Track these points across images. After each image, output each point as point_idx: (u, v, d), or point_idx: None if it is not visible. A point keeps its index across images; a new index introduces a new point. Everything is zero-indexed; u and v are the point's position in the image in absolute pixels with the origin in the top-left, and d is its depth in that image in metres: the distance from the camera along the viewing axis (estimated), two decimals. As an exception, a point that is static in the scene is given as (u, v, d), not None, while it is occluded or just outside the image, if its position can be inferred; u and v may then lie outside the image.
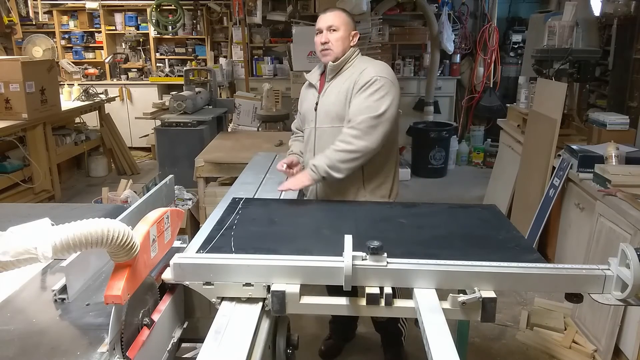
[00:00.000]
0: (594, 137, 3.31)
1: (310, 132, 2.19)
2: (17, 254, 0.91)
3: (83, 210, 1.87)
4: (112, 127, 5.97)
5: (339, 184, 2.09)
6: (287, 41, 6.23)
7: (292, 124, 2.49)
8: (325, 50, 2.09)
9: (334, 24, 2.08)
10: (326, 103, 2.12)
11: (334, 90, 2.12)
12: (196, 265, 1.30)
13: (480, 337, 2.73)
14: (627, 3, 3.63)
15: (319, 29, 2.12)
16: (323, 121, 2.13)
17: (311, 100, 2.20)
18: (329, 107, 2.11)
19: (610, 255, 1.31)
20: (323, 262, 1.29)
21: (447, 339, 1.11)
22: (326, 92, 2.14)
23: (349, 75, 2.09)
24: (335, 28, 2.08)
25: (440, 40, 6.09)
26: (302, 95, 2.31)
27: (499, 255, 1.40)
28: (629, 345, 2.33)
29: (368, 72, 2.03)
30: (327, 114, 2.12)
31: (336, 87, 2.11)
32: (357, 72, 2.06)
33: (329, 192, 2.19)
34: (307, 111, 2.22)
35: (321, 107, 2.14)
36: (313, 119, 2.17)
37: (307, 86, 2.28)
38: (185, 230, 3.25)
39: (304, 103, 2.26)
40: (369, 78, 2.00)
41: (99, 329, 1.12)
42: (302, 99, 2.30)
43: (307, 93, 2.27)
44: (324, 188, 2.19)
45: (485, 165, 6.19)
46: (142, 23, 7.06)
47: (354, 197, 2.15)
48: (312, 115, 2.17)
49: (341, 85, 2.09)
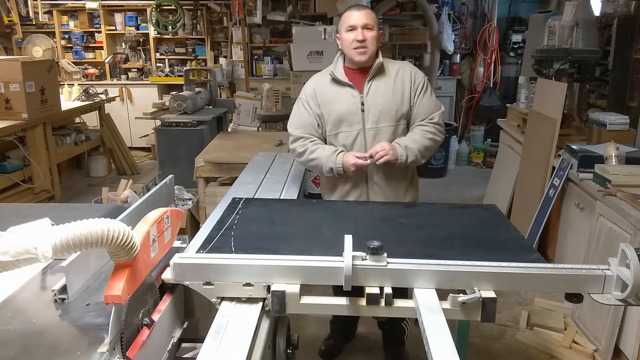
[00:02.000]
0: (594, 137, 3.31)
1: (355, 134, 2.11)
2: (17, 254, 0.91)
3: (83, 210, 1.87)
4: (112, 127, 5.97)
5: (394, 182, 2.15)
6: (287, 41, 6.23)
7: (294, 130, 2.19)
8: (361, 48, 2.05)
9: (369, 22, 2.06)
10: (380, 103, 2.09)
11: (382, 89, 2.10)
12: (196, 265, 1.30)
13: (480, 337, 2.73)
14: (627, 3, 3.63)
15: (353, 26, 2.05)
16: (378, 121, 2.09)
17: (351, 101, 2.10)
18: (385, 107, 2.09)
19: (610, 255, 1.31)
20: (323, 262, 1.29)
21: (447, 339, 1.11)
22: (371, 91, 2.10)
23: (394, 74, 2.13)
24: (370, 27, 2.07)
25: (440, 40, 6.09)
26: (328, 95, 2.14)
27: (499, 255, 1.40)
28: (629, 345, 2.33)
29: (418, 73, 2.18)
30: (382, 114, 2.09)
31: (385, 87, 2.11)
32: (402, 72, 2.14)
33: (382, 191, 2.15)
34: (346, 113, 2.10)
35: (372, 107, 2.09)
36: (359, 120, 2.10)
37: (334, 84, 2.14)
38: (185, 230, 3.25)
39: (337, 105, 2.11)
40: (422, 79, 2.17)
41: (99, 329, 1.12)
42: (331, 99, 2.13)
43: (337, 93, 2.13)
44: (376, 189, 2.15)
45: (485, 165, 6.19)
46: (142, 23, 7.05)
47: (402, 197, 2.19)
48: (357, 117, 2.10)
49: (391, 84, 2.11)
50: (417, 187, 2.30)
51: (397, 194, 2.18)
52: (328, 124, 2.15)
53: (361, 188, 2.16)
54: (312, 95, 2.17)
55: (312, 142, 2.15)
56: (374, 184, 2.15)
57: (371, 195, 2.16)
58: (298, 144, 2.17)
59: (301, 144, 2.16)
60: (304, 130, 2.17)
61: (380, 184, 2.15)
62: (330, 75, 2.15)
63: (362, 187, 2.16)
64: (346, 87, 2.12)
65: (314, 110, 2.16)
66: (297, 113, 2.22)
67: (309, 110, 2.17)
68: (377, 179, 2.15)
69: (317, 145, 2.14)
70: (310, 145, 2.14)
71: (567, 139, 3.37)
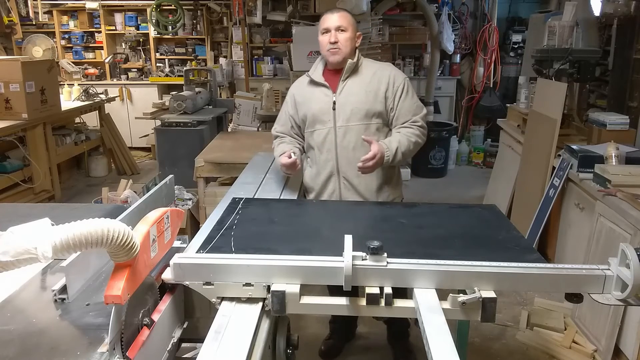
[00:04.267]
0: (594, 137, 3.31)
1: (327, 132, 2.16)
2: (17, 254, 0.90)
3: (83, 210, 1.87)
4: (112, 127, 5.97)
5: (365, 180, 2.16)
6: (287, 41, 6.23)
7: (275, 128, 2.37)
8: (334, 49, 2.11)
9: (342, 24, 2.11)
10: (351, 102, 2.13)
11: (355, 89, 2.14)
12: (196, 265, 1.30)
13: (480, 337, 2.73)
14: (627, 3, 3.63)
15: (327, 29, 2.12)
16: (348, 119, 2.13)
17: (324, 100, 2.16)
18: (356, 106, 2.12)
19: (610, 255, 1.31)
20: (323, 262, 1.29)
21: (447, 339, 1.11)
22: (345, 90, 2.14)
23: (370, 75, 2.16)
24: (344, 29, 2.11)
25: (440, 40, 6.09)
26: (305, 95, 2.24)
27: (499, 255, 1.40)
28: (629, 345, 2.33)
29: (397, 75, 2.19)
30: (353, 112, 2.12)
31: (359, 86, 2.14)
32: (380, 73, 2.16)
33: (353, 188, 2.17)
34: (319, 112, 2.17)
35: (343, 105, 2.13)
36: (330, 118, 2.15)
37: (310, 85, 2.22)
38: (185, 230, 3.25)
39: (312, 103, 2.19)
40: (401, 80, 2.18)
41: (99, 329, 1.12)
42: (306, 99, 2.22)
43: (313, 93, 2.21)
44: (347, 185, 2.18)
45: (485, 165, 6.19)
46: (142, 23, 7.05)
47: (375, 196, 2.19)
48: (328, 116, 2.15)
49: (366, 84, 2.14)
50: (396, 186, 2.28)
51: (369, 191, 2.19)
52: (305, 122, 2.24)
53: (333, 185, 2.20)
54: (292, 97, 2.30)
55: (279, 141, 2.31)
56: (345, 181, 2.18)
57: (343, 192, 2.19)
58: (274, 142, 2.36)
59: (274, 142, 2.35)
60: (280, 129, 2.34)
61: (350, 181, 2.17)
62: (308, 77, 2.24)
63: (334, 184, 2.20)
64: (320, 87, 2.19)
65: (290, 112, 2.30)
66: (280, 114, 2.39)
67: (286, 112, 2.32)
68: (347, 176, 2.17)
69: (280, 144, 2.29)
70: (276, 144, 2.32)
71: (567, 139, 3.37)
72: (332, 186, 2.20)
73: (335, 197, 2.21)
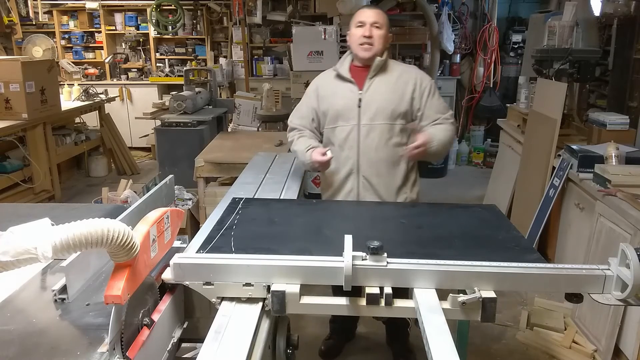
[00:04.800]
0: (594, 137, 3.31)
1: (350, 129, 2.13)
2: (17, 254, 0.90)
3: (83, 210, 1.87)
4: (112, 127, 5.97)
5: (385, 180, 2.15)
6: (287, 41, 6.23)
7: (292, 120, 2.30)
8: (367, 44, 2.08)
9: (379, 21, 2.09)
10: (377, 100, 2.11)
11: (382, 87, 2.12)
12: (196, 265, 1.30)
13: (480, 337, 2.73)
14: (627, 3, 3.63)
15: (362, 22, 2.09)
16: (373, 118, 2.11)
17: (349, 96, 2.13)
18: (382, 104, 2.11)
19: (610, 255, 1.31)
20: (323, 262, 1.29)
21: (447, 339, 1.11)
22: (371, 89, 2.12)
23: (396, 75, 2.14)
24: (379, 26, 2.09)
25: (440, 40, 6.09)
26: (330, 89, 2.18)
27: (499, 255, 1.40)
28: (629, 345, 2.33)
29: (424, 77, 2.19)
30: (378, 111, 2.10)
31: (385, 85, 2.12)
32: (406, 75, 2.15)
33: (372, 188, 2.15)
34: (343, 108, 2.13)
35: (369, 104, 2.11)
36: (355, 116, 2.12)
37: (336, 80, 2.18)
38: (185, 230, 3.25)
39: (336, 99, 2.15)
40: (428, 81, 2.19)
41: (99, 329, 1.12)
42: (331, 93, 2.17)
43: (338, 87, 2.16)
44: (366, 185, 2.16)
45: (485, 165, 6.19)
46: (142, 23, 7.05)
47: (394, 197, 2.18)
48: (353, 113, 2.12)
49: (392, 83, 2.13)
50: (413, 187, 2.26)
51: (388, 192, 2.17)
52: (327, 117, 2.20)
53: (352, 183, 2.17)
54: (315, 90, 2.24)
55: (299, 134, 2.24)
56: (365, 180, 2.16)
57: (361, 191, 2.17)
58: (290, 134, 2.29)
59: (292, 134, 2.27)
60: (299, 122, 2.27)
61: (370, 180, 2.15)
62: (334, 72, 2.20)
63: (353, 182, 2.17)
64: (347, 83, 2.15)
65: (312, 105, 2.23)
66: (299, 106, 2.32)
67: (307, 104, 2.25)
68: (367, 175, 2.15)
69: (301, 138, 2.21)
70: (296, 137, 2.23)
71: (567, 139, 3.37)
72: (350, 185, 2.18)
73: (352, 196, 2.18)
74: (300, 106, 2.31)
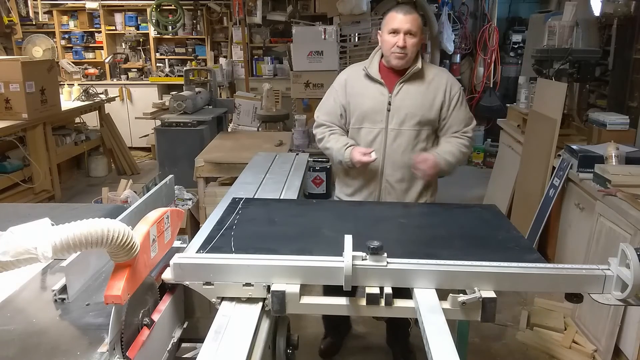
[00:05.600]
0: (594, 137, 3.31)
1: (377, 132, 2.11)
2: (17, 254, 0.90)
3: (83, 210, 1.87)
4: (112, 127, 5.97)
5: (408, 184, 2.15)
6: (287, 41, 6.23)
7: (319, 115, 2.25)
8: (401, 54, 2.04)
9: (412, 29, 2.03)
10: (407, 106, 2.08)
11: (412, 93, 2.09)
12: (196, 265, 1.30)
13: (480, 337, 2.73)
14: (627, 3, 3.63)
15: (396, 30, 2.02)
16: (401, 123, 2.09)
17: (379, 99, 2.10)
18: (411, 110, 2.08)
19: (610, 255, 1.31)
20: (323, 262, 1.29)
21: (447, 339, 1.11)
22: (401, 93, 2.09)
23: (428, 81, 2.11)
24: (414, 33, 2.04)
25: (440, 40, 6.09)
26: (359, 87, 2.14)
27: (499, 255, 1.40)
28: (629, 345, 2.33)
29: (454, 84, 2.16)
30: (407, 117, 2.08)
31: (416, 91, 2.09)
32: (437, 80, 2.12)
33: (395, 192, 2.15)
34: (371, 110, 2.11)
35: (398, 109, 2.08)
36: (383, 119, 2.10)
37: (366, 79, 2.14)
38: (185, 230, 3.25)
39: (365, 99, 2.12)
40: (458, 90, 2.15)
41: (99, 329, 1.12)
42: (360, 92, 2.13)
43: (367, 87, 2.13)
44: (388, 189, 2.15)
45: (485, 165, 6.19)
46: (142, 23, 7.06)
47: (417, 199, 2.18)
48: (381, 116, 2.10)
49: (424, 90, 2.10)
50: (434, 193, 2.27)
51: (409, 196, 2.17)
52: (353, 116, 2.17)
53: (374, 186, 2.16)
54: (343, 85, 2.19)
55: (331, 131, 2.20)
56: (387, 184, 2.15)
57: (383, 194, 2.16)
58: (319, 130, 2.24)
59: (321, 130, 2.23)
60: (328, 117, 2.22)
61: (393, 184, 2.14)
62: (363, 70, 2.15)
63: (375, 185, 2.16)
64: (376, 84, 2.12)
65: (340, 100, 2.19)
66: (325, 100, 2.27)
67: (336, 100, 2.20)
68: (391, 179, 2.14)
69: (333, 135, 2.18)
70: (327, 134, 2.20)
71: (567, 139, 3.37)
72: (372, 187, 2.17)
73: (373, 198, 2.18)
74: (327, 102, 2.25)
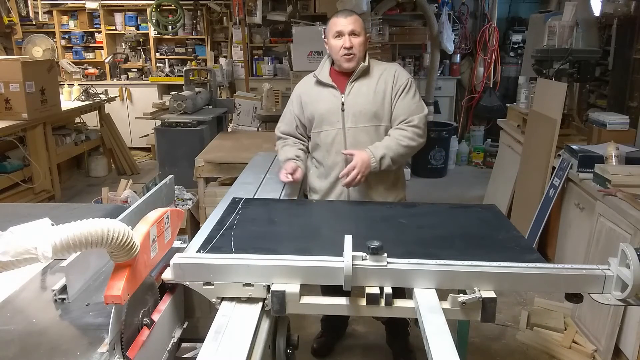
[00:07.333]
0: (594, 137, 3.31)
1: (335, 133, 2.15)
2: (17, 254, 0.90)
3: (83, 210, 1.87)
4: (112, 127, 5.97)
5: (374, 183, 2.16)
6: (287, 41, 6.23)
7: (278, 127, 2.37)
8: (349, 55, 2.08)
9: (355, 29, 2.08)
10: (360, 103, 2.12)
11: (363, 90, 2.13)
12: (196, 265, 1.30)
13: (480, 337, 2.73)
14: (627, 3, 3.63)
15: (340, 33, 2.08)
16: (356, 121, 2.12)
17: (332, 100, 2.15)
18: (365, 107, 2.12)
19: (610, 255, 1.31)
20: (323, 262, 1.29)
21: (447, 339, 1.11)
22: (353, 92, 2.13)
23: (377, 76, 2.15)
24: (357, 33, 2.09)
25: (440, 40, 6.09)
26: (312, 95, 2.21)
27: (499, 255, 1.40)
28: (629, 345, 2.33)
29: (401, 74, 2.18)
30: (362, 114, 2.12)
31: (367, 87, 2.13)
32: (386, 73, 2.15)
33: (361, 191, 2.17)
34: (327, 112, 2.16)
35: (352, 107, 2.12)
36: (339, 119, 2.14)
37: (317, 85, 2.21)
38: (185, 230, 3.25)
39: (319, 104, 2.18)
40: (405, 80, 2.16)
41: (99, 329, 1.12)
42: (314, 99, 2.20)
43: (320, 93, 2.19)
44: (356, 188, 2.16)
45: (485, 165, 6.19)
46: (142, 23, 7.05)
47: (383, 198, 2.19)
48: (337, 117, 2.14)
49: (374, 85, 2.13)
50: (401, 188, 2.29)
51: (378, 193, 2.19)
52: (313, 123, 2.22)
53: (342, 187, 2.17)
54: (298, 96, 2.28)
55: (284, 143, 2.31)
56: None
57: (352, 194, 2.19)
58: (277, 143, 2.37)
59: (278, 143, 2.36)
60: (285, 128, 2.33)
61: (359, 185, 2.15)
62: (314, 78, 2.23)
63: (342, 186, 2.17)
64: (328, 88, 2.18)
65: (295, 112, 2.28)
66: (284, 113, 2.38)
67: (292, 111, 2.30)
68: None
69: (285, 147, 2.29)
70: (281, 146, 2.32)
71: (567, 139, 3.37)
72: (340, 188, 2.18)
73: (342, 199, 2.20)
74: (284, 114, 2.36)
